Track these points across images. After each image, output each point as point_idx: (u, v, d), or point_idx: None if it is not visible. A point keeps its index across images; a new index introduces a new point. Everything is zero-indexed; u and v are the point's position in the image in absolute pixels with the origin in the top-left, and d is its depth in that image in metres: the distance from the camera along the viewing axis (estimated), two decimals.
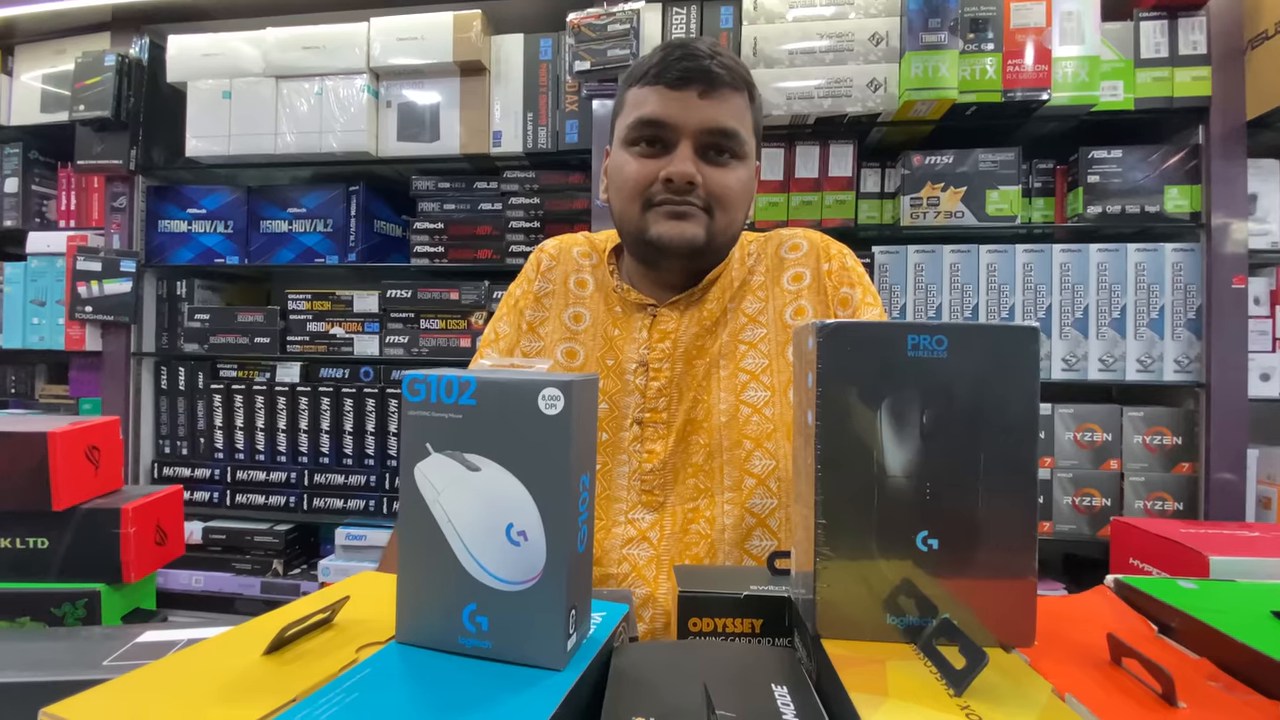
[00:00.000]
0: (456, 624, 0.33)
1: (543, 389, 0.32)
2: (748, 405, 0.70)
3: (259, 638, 0.35)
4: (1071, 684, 0.30)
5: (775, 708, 0.30)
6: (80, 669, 0.42)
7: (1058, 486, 1.30)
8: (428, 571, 0.34)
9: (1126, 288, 1.28)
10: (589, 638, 0.36)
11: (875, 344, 0.33)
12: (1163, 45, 1.27)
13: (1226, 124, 1.26)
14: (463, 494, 0.33)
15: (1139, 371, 1.28)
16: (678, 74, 0.67)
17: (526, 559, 0.33)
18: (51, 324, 1.62)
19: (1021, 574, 0.33)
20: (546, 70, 1.41)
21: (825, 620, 0.34)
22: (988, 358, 0.33)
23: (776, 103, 1.27)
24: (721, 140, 0.69)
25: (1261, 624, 0.35)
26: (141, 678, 0.31)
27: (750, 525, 0.68)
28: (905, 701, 0.27)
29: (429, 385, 0.34)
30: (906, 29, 1.22)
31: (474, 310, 1.49)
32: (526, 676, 0.31)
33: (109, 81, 1.50)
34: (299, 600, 0.41)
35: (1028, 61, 1.21)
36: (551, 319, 0.77)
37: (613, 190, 0.73)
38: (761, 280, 0.75)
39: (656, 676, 0.33)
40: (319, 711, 0.28)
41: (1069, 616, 0.39)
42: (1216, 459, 1.25)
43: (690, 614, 0.42)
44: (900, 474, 0.33)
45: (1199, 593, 0.40)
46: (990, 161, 1.30)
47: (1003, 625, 0.33)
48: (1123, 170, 1.28)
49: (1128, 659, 0.32)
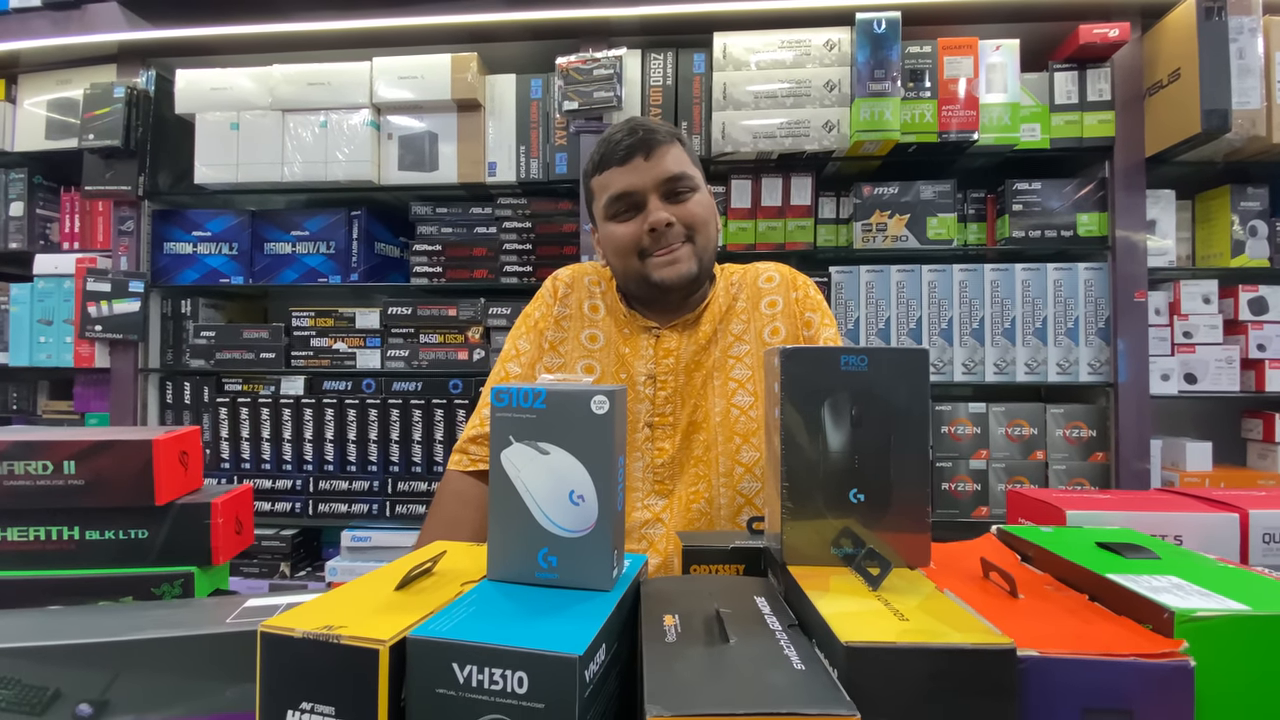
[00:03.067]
0: (534, 563, 0.47)
1: (594, 396, 0.47)
2: (737, 408, 0.86)
3: (387, 581, 0.48)
4: (950, 586, 0.46)
5: (757, 607, 0.45)
6: (212, 625, 0.54)
7: (993, 475, 1.48)
8: (513, 527, 0.48)
9: (1047, 301, 1.48)
10: (625, 572, 0.50)
11: (819, 362, 0.49)
12: (1074, 92, 1.47)
13: (1129, 160, 1.47)
14: (537, 470, 0.48)
15: (1059, 374, 1.47)
16: (623, 152, 0.85)
17: (584, 515, 0.47)
18: (59, 342, 1.69)
19: (920, 517, 0.48)
20: (537, 107, 1.55)
21: (790, 556, 0.49)
22: (895, 371, 0.48)
23: (743, 140, 1.44)
24: (676, 184, 0.86)
25: (1087, 551, 0.51)
26: (320, 603, 0.44)
27: (740, 504, 0.83)
28: (841, 595, 0.42)
29: (511, 394, 0.48)
30: (856, 78, 1.40)
31: (470, 325, 1.62)
32: (586, 595, 0.46)
33: (119, 112, 1.59)
34: (400, 559, 0.54)
35: (959, 107, 1.40)
36: (570, 339, 0.92)
37: (611, 254, 0.90)
38: (744, 306, 0.92)
39: (675, 594, 0.47)
40: (458, 614, 0.41)
41: (960, 553, 0.55)
42: (1125, 448, 1.45)
43: (692, 562, 0.57)
44: (838, 450, 0.49)
45: (1053, 535, 0.56)
46: (930, 192, 1.49)
47: (908, 553, 0.49)
48: (1042, 199, 1.48)
49: (992, 573, 0.48)
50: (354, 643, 0.39)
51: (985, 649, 0.35)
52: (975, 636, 0.35)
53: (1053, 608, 0.43)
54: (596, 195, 0.90)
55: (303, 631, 0.40)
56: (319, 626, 0.40)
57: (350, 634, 0.39)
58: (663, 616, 0.43)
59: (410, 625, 0.40)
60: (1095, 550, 0.52)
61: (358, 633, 0.39)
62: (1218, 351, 1.48)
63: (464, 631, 0.39)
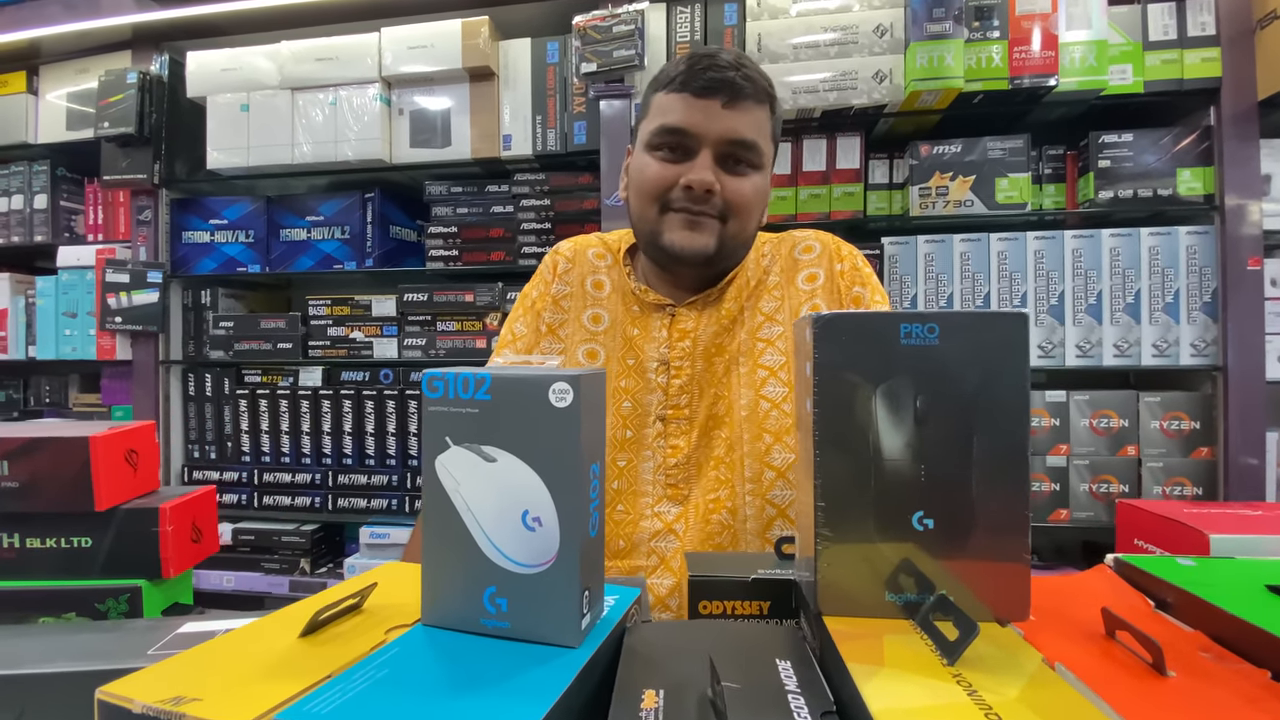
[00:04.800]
0: (478, 606, 0.36)
1: (553, 383, 0.34)
2: (767, 400, 0.72)
3: (294, 622, 0.37)
4: (1063, 654, 0.32)
5: (779, 679, 0.31)
6: (128, 658, 0.45)
7: (1074, 474, 1.29)
8: (450, 557, 0.36)
9: (1140, 272, 1.27)
10: (603, 618, 0.37)
11: (869, 334, 0.35)
12: (1171, 27, 1.26)
13: (1238, 105, 1.25)
14: (481, 484, 0.36)
15: (1155, 356, 1.27)
16: (703, 83, 0.69)
17: (541, 543, 0.35)
18: (83, 335, 1.67)
19: (1015, 551, 0.34)
20: (554, 73, 1.43)
21: (826, 599, 0.36)
22: (978, 344, 0.34)
23: (782, 97, 1.28)
24: (740, 151, 0.71)
25: (1254, 597, 0.36)
26: (187, 659, 0.34)
27: (771, 515, 0.69)
28: (900, 670, 0.29)
29: (447, 382, 0.36)
30: (911, 19, 1.22)
31: (488, 312, 1.52)
32: (543, 654, 0.33)
33: (132, 98, 1.55)
34: (330, 589, 0.43)
35: (1034, 48, 1.21)
36: (571, 320, 0.79)
37: (632, 190, 0.75)
38: (777, 280, 0.77)
39: (666, 653, 0.35)
40: (352, 687, 0.30)
41: (1067, 593, 0.40)
42: (1235, 443, 1.24)
43: (700, 597, 0.44)
44: (896, 458, 0.35)
45: (1196, 569, 0.41)
46: (999, 149, 1.30)
47: (998, 601, 0.35)
48: (1134, 154, 1.28)
49: (1120, 632, 0.34)
50: None
51: None
52: None
53: (1222, 693, 0.29)
54: (650, 114, 0.74)
55: (143, 705, 0.29)
56: (165, 698, 0.29)
57: (198, 714, 0.28)
58: (641, 694, 0.30)
59: (285, 701, 0.29)
60: (1268, 598, 0.36)
61: (208, 713, 0.28)
62: None
63: (350, 716, 0.27)
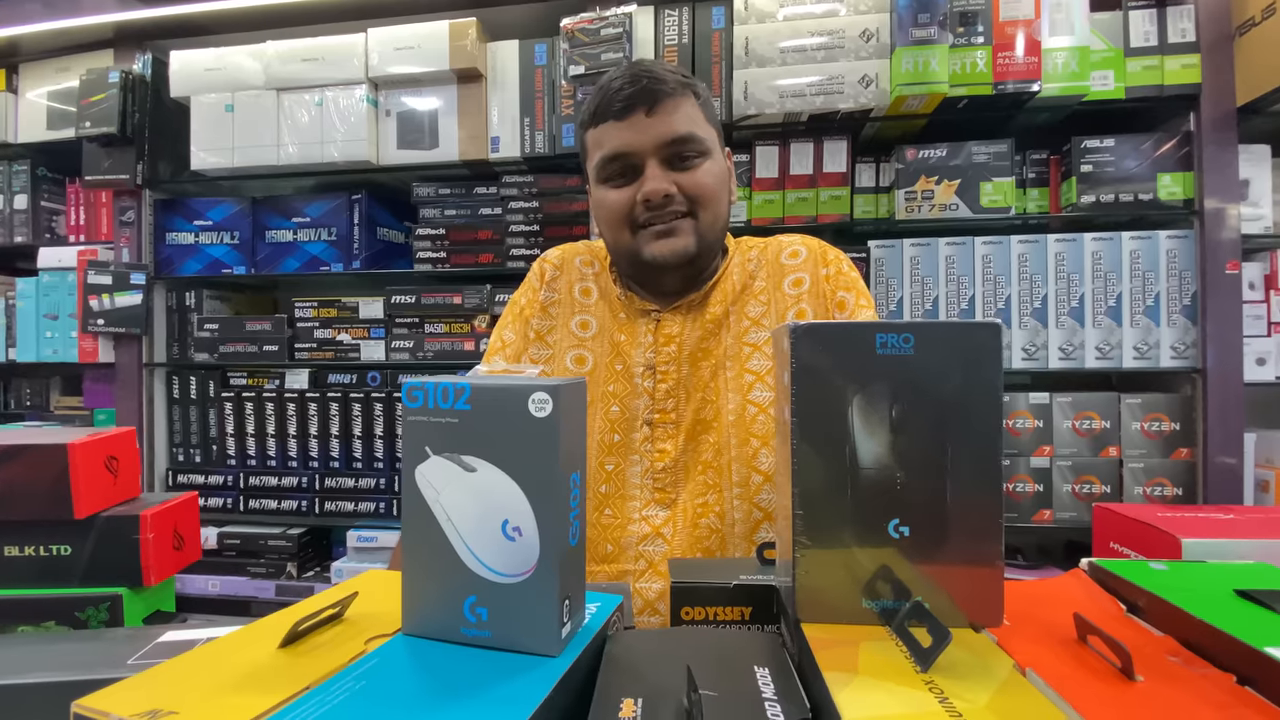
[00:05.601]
0: (458, 615, 0.36)
1: (532, 393, 0.34)
2: (754, 405, 0.72)
3: (274, 633, 0.37)
4: (1034, 660, 0.32)
5: (756, 687, 0.32)
6: (106, 668, 0.44)
7: (1057, 474, 1.31)
8: (430, 567, 0.36)
9: (1122, 275, 1.29)
10: (584, 626, 0.38)
11: (845, 343, 0.35)
12: (1152, 34, 1.27)
13: (1217, 110, 1.26)
14: (460, 493, 0.36)
15: (1136, 358, 1.29)
16: (620, 105, 0.71)
17: (521, 553, 0.35)
18: (64, 337, 1.65)
19: (989, 557, 0.35)
20: (542, 75, 1.43)
21: (805, 605, 0.36)
22: (952, 354, 0.35)
23: (769, 101, 1.29)
24: (681, 147, 0.72)
25: (1223, 602, 0.37)
26: (165, 671, 0.34)
27: (759, 519, 0.70)
28: (874, 678, 0.29)
29: (426, 392, 0.36)
30: (896, 24, 1.23)
31: (477, 314, 1.52)
32: (523, 663, 0.34)
33: (114, 98, 1.53)
34: (310, 598, 0.43)
35: (1018, 53, 1.22)
36: (559, 327, 0.80)
37: (601, 224, 0.77)
38: (764, 285, 0.78)
39: (646, 661, 0.35)
40: (330, 698, 0.30)
41: (1041, 598, 0.41)
42: (1214, 443, 1.26)
43: (682, 603, 0.44)
44: (872, 465, 0.35)
45: (1168, 574, 0.42)
46: (983, 154, 1.31)
47: (972, 606, 0.35)
48: (1115, 159, 1.29)
49: (1091, 636, 0.34)
50: None
51: None
52: None
53: (1188, 699, 0.29)
54: (589, 152, 0.76)
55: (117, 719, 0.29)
56: (142, 711, 0.29)
57: None
58: (620, 702, 0.31)
59: (263, 713, 0.29)
60: (1235, 602, 0.37)
61: None
62: None
63: None
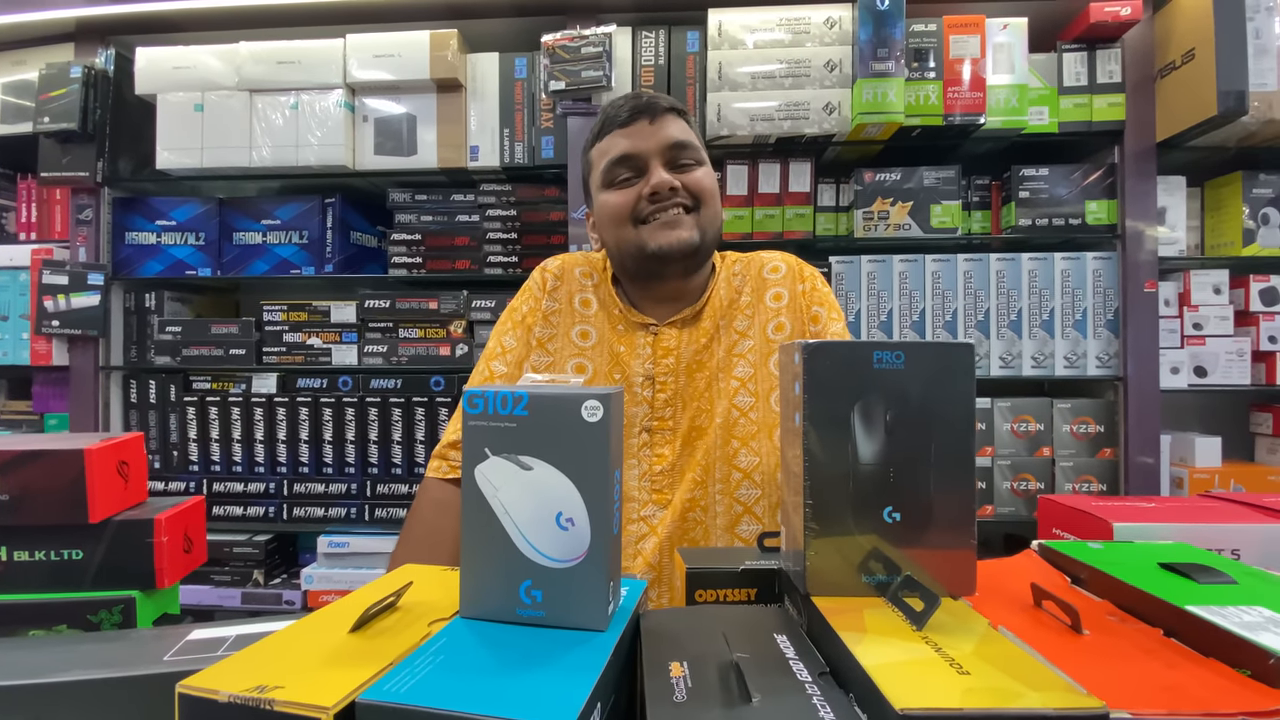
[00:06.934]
0: (514, 598, 0.40)
1: (586, 400, 0.39)
2: (737, 409, 0.79)
3: (338, 621, 0.41)
4: (1004, 619, 0.39)
5: (779, 650, 0.38)
6: (143, 664, 0.47)
7: (998, 473, 1.43)
8: (489, 556, 0.41)
9: (1054, 292, 1.42)
10: (621, 605, 0.43)
11: (849, 359, 0.42)
12: (1083, 74, 1.41)
13: (1139, 145, 1.41)
14: (518, 489, 0.40)
15: (1066, 367, 1.42)
16: (626, 115, 0.79)
17: (573, 541, 0.40)
18: (14, 339, 1.59)
19: (964, 539, 0.42)
20: (522, 88, 1.47)
21: (814, 583, 0.42)
22: (935, 369, 0.42)
23: (740, 123, 1.37)
24: (682, 152, 0.80)
25: (1150, 573, 0.45)
26: (253, 654, 0.37)
27: (738, 513, 0.76)
28: (881, 635, 0.36)
29: (486, 399, 0.41)
30: (858, 57, 1.33)
31: (453, 319, 1.54)
32: (578, 637, 0.38)
33: (75, 93, 1.49)
34: (363, 588, 0.47)
35: (965, 88, 1.34)
36: (560, 336, 0.84)
37: (604, 226, 0.82)
38: (749, 300, 0.85)
39: (684, 633, 0.40)
40: (419, 670, 0.34)
41: (1002, 573, 0.48)
42: (1134, 444, 1.40)
43: (697, 587, 0.50)
44: (870, 462, 0.42)
45: (1104, 552, 0.50)
46: (934, 178, 1.42)
47: (950, 579, 0.42)
48: (1049, 186, 1.42)
49: (1046, 601, 0.41)
50: (291, 709, 0.31)
51: (1073, 716, 0.28)
52: (1058, 698, 0.29)
53: (1126, 646, 0.37)
54: (595, 164, 0.83)
55: (229, 695, 0.33)
56: (249, 687, 0.33)
57: (286, 698, 0.32)
58: (669, 665, 0.36)
59: (361, 685, 0.33)
60: (1159, 572, 0.45)
61: (295, 696, 0.32)
62: (1228, 344, 1.43)
63: (427, 694, 0.32)
